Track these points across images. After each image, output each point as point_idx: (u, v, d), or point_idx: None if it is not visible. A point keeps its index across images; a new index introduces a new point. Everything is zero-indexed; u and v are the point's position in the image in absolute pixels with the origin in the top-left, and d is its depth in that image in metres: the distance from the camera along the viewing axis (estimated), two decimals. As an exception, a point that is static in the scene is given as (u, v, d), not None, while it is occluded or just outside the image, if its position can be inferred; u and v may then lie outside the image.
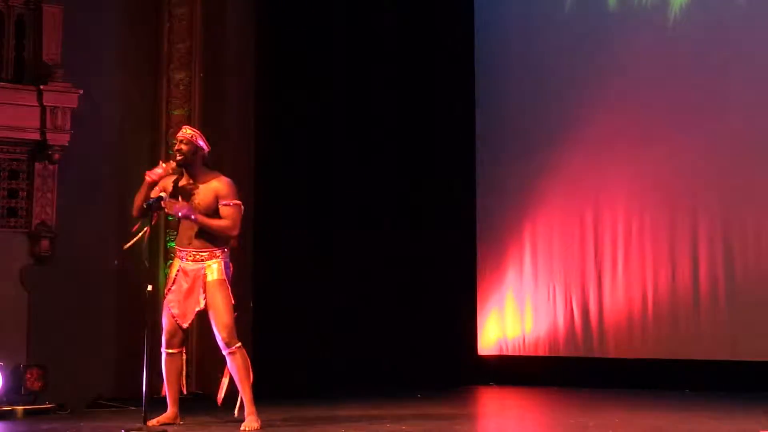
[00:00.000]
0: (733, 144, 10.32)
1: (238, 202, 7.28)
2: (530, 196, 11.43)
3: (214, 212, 7.21)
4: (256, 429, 7.04)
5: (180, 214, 7.16)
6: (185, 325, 7.30)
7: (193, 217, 7.12)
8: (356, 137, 11.19)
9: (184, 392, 7.53)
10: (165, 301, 7.34)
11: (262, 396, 7.42)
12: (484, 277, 11.66)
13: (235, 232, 7.27)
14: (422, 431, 7.09)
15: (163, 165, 7.25)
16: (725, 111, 10.39)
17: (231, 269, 7.30)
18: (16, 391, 8.59)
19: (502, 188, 11.65)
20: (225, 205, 7.20)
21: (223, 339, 7.16)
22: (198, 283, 7.20)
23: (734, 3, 10.46)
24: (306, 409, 8.40)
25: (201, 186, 7.22)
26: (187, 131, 7.35)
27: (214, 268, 7.20)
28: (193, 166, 7.25)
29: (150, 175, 7.22)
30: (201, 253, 7.22)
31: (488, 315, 11.62)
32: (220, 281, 7.19)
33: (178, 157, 7.23)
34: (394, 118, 11.53)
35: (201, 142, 7.28)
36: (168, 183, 7.33)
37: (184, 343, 7.42)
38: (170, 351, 7.34)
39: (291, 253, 10.42)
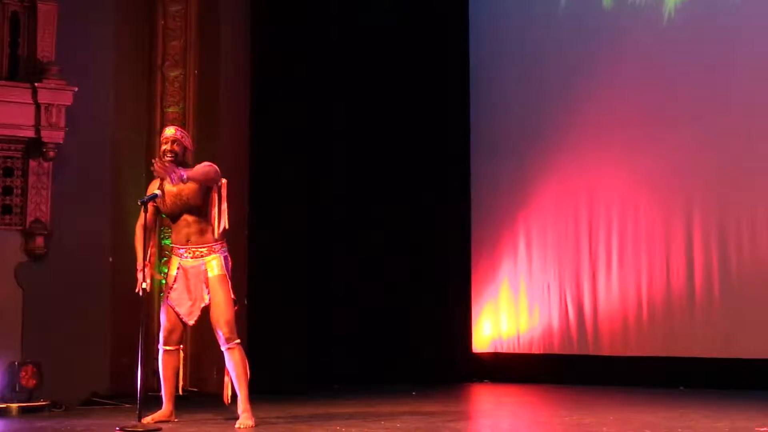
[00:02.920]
0: (728, 141, 10.34)
1: (214, 165, 7.22)
2: (524, 194, 11.44)
3: (205, 203, 7.22)
4: (251, 426, 7.04)
5: (176, 178, 7.06)
6: (191, 323, 7.31)
7: (184, 176, 7.06)
8: (352, 134, 11.19)
9: (180, 392, 7.53)
10: (166, 299, 7.33)
11: (257, 393, 7.42)
12: (479, 275, 11.67)
13: (213, 170, 7.16)
14: (417, 428, 7.09)
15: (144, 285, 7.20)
16: (720, 109, 10.40)
17: (230, 263, 7.32)
18: (11, 388, 8.57)
19: (497, 187, 11.66)
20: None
21: (223, 335, 7.17)
22: (200, 279, 7.22)
23: (729, 1, 10.47)
24: (300, 407, 8.40)
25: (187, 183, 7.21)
26: (174, 132, 7.35)
27: (214, 264, 7.22)
28: (181, 165, 7.24)
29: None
30: (200, 249, 7.24)
31: (483, 313, 11.64)
32: (221, 276, 7.21)
33: (170, 158, 7.22)
34: (389, 115, 11.54)
35: (188, 142, 7.32)
36: (153, 186, 7.34)
37: (182, 340, 7.44)
38: (168, 348, 7.35)
39: (286, 251, 10.41)
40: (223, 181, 7.28)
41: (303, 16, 10.85)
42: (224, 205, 7.30)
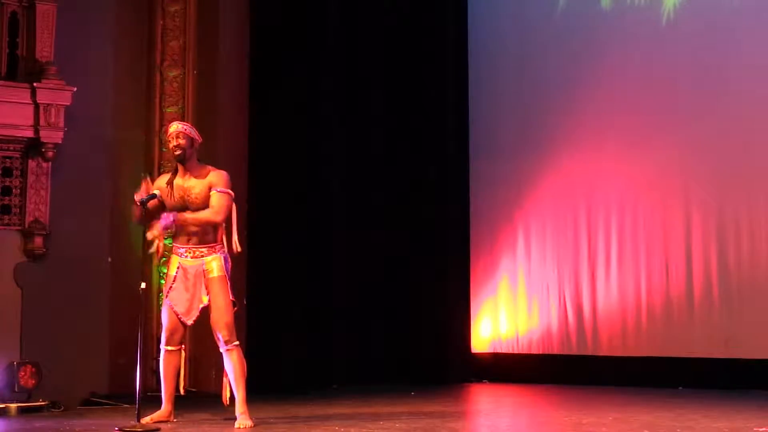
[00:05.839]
0: (727, 142, 10.34)
1: (230, 192, 7.28)
2: (523, 195, 11.43)
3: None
4: (250, 426, 7.05)
5: (166, 224, 7.15)
6: (190, 323, 7.31)
7: (172, 218, 7.12)
8: (350, 134, 11.19)
9: (182, 392, 7.53)
10: (166, 299, 7.33)
11: (256, 393, 7.41)
12: (478, 275, 11.66)
13: (219, 218, 7.22)
14: (416, 429, 7.09)
15: (143, 185, 7.23)
16: (719, 109, 10.40)
17: (230, 264, 7.32)
18: (10, 388, 8.58)
19: (496, 187, 11.65)
20: (215, 192, 7.20)
21: (222, 337, 7.18)
22: (199, 279, 7.22)
23: (728, 1, 10.47)
24: (299, 407, 8.40)
25: (197, 181, 7.24)
26: (180, 126, 7.37)
27: (214, 265, 7.23)
28: (189, 159, 7.28)
29: (138, 195, 7.20)
30: (200, 249, 7.24)
31: (482, 313, 11.63)
32: (221, 278, 7.22)
33: (177, 153, 7.26)
34: (388, 115, 11.54)
35: (195, 134, 7.32)
36: (162, 180, 7.39)
37: (183, 340, 7.44)
38: (170, 348, 7.35)
39: (285, 251, 10.41)
40: (230, 193, 7.32)
41: (302, 16, 10.84)
42: (234, 227, 7.33)
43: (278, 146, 10.55)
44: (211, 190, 7.22)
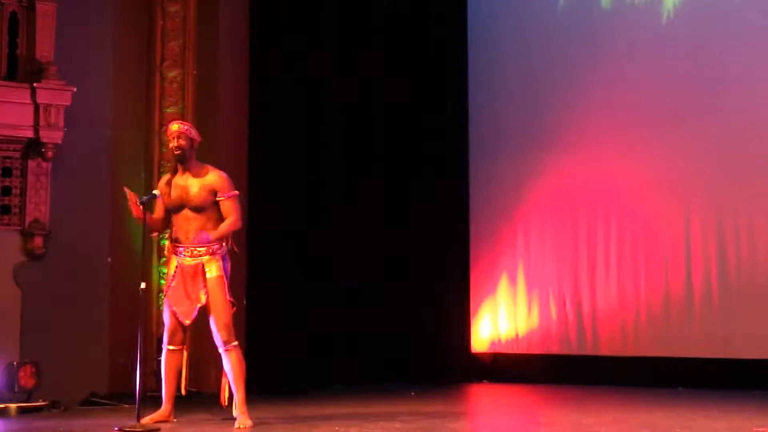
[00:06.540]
0: (727, 142, 10.35)
1: (236, 192, 7.34)
2: (523, 194, 11.43)
3: (209, 206, 7.25)
4: (250, 426, 7.05)
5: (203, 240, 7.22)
6: (188, 322, 7.31)
7: (209, 237, 7.18)
8: (350, 136, 11.18)
9: (183, 393, 7.52)
10: (166, 299, 7.35)
11: (256, 393, 7.41)
12: (478, 275, 11.66)
13: (239, 225, 7.38)
14: (416, 429, 7.09)
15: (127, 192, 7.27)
16: (719, 109, 10.41)
17: (229, 264, 7.33)
18: (10, 388, 8.58)
19: (495, 188, 11.64)
20: (224, 198, 7.25)
21: (222, 338, 7.19)
22: (198, 279, 7.23)
23: (728, 1, 10.47)
24: (299, 407, 8.40)
25: (196, 180, 7.26)
26: (180, 126, 7.39)
27: (212, 265, 7.24)
28: (189, 159, 7.31)
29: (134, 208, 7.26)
30: (199, 249, 7.25)
31: (481, 313, 11.63)
32: (219, 278, 7.23)
33: (177, 152, 7.28)
34: (388, 115, 11.53)
35: (195, 134, 7.34)
36: (162, 181, 7.42)
37: (185, 340, 7.44)
38: (172, 348, 7.37)
39: (285, 250, 10.41)
40: (236, 193, 7.40)
41: (301, 16, 10.84)
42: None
43: (278, 146, 10.54)
44: (213, 193, 7.25)
